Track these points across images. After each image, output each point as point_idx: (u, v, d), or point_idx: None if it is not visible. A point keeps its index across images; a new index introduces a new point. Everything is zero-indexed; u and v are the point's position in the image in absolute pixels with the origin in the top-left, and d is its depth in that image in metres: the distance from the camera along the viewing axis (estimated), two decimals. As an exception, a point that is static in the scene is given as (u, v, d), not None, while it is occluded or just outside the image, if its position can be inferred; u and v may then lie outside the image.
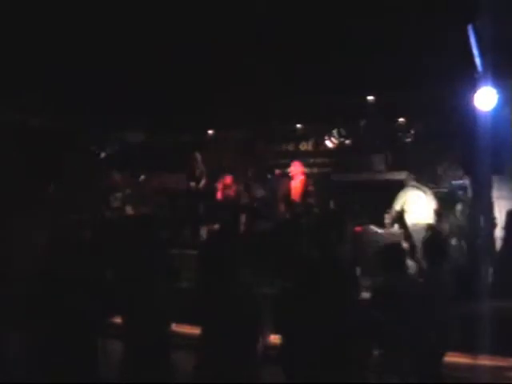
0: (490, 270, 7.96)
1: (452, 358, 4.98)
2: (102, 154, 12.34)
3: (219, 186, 10.99)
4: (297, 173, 10.23)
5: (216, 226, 10.56)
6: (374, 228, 9.98)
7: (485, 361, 6.26)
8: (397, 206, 9.38)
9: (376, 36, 7.32)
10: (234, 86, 8.91)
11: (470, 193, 9.55)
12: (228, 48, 7.75)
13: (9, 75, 8.06)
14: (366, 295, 7.80)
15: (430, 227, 9.00)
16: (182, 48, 7.90)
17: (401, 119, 10.85)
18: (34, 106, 9.67)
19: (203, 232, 10.71)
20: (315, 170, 12.08)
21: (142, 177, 11.52)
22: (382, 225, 10.02)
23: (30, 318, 4.21)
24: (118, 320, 4.67)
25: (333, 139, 11.67)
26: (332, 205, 9.99)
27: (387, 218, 9.48)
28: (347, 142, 11.62)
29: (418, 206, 9.29)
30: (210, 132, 12.55)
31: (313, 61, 8.16)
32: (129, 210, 10.15)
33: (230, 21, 7.27)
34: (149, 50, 7.97)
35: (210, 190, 11.18)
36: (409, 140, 10.77)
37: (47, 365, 4.06)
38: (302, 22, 7.19)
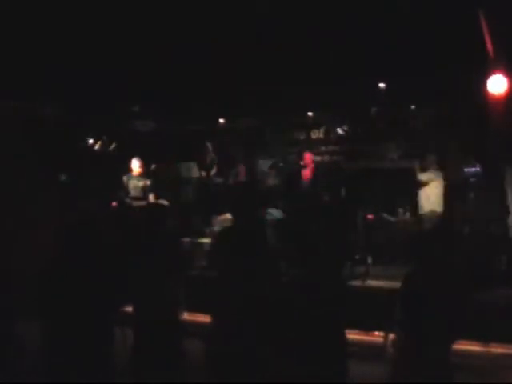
0: (504, 258, 7.94)
1: (463, 345, 4.97)
2: (113, 144, 12.39)
3: (231, 174, 10.99)
4: (308, 161, 10.19)
5: (228, 215, 10.59)
6: (386, 216, 9.96)
7: (496, 348, 6.26)
8: (422, 177, 9.27)
9: (387, 22, 7.26)
10: (245, 75, 8.88)
11: (482, 180, 9.49)
12: (239, 37, 7.73)
13: (20, 65, 8.11)
14: (376, 283, 7.90)
15: (439, 215, 8.99)
16: (194, 37, 7.90)
17: (412, 106, 10.77)
18: (45, 95, 9.71)
19: (215, 221, 10.74)
20: (326, 158, 12.03)
21: (153, 166, 11.52)
22: (393, 213, 10.00)
23: (43, 308, 4.23)
24: (129, 309, 4.70)
25: (344, 127, 11.62)
26: (343, 193, 9.96)
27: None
28: (358, 129, 11.56)
29: (435, 192, 9.23)
30: (222, 121, 12.54)
31: (324, 48, 8.12)
32: (140, 198, 10.15)
33: (241, 9, 7.25)
34: (161, 38, 7.97)
35: (221, 179, 11.18)
36: (421, 127, 10.69)
37: (60, 355, 4.09)
38: (313, 8, 7.16)
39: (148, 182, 10.19)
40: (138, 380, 4.42)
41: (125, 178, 10.35)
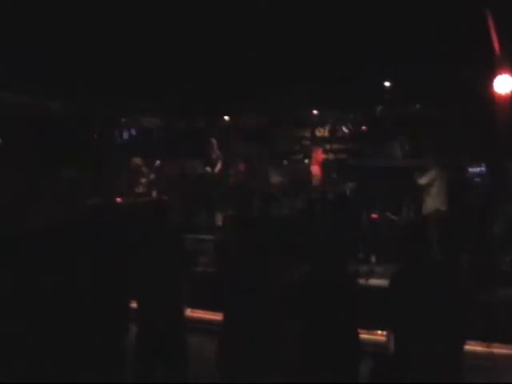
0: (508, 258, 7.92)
1: (467, 346, 4.96)
2: (119, 139, 12.41)
3: (235, 171, 10.97)
4: (315, 159, 10.17)
5: (231, 212, 10.58)
6: (389, 215, 9.94)
7: (498, 349, 6.25)
8: (422, 181, 9.22)
9: (393, 22, 7.25)
10: (251, 72, 8.88)
11: (487, 180, 9.47)
12: (244, 35, 7.73)
13: (25, 60, 8.13)
14: (380, 282, 7.89)
15: (444, 213, 8.96)
16: (200, 35, 7.90)
17: (417, 105, 10.74)
18: (53, 91, 9.72)
19: (218, 217, 10.74)
20: (331, 156, 12.03)
21: (158, 162, 11.53)
22: (397, 211, 9.98)
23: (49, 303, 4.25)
24: (133, 304, 4.70)
25: (349, 125, 11.61)
26: (348, 191, 9.95)
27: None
28: (363, 128, 11.55)
29: (441, 190, 9.20)
30: (226, 118, 12.54)
31: (329, 47, 8.11)
32: (144, 194, 10.19)
33: (246, 6, 7.25)
34: (167, 38, 7.98)
35: (226, 176, 11.16)
36: (425, 126, 10.65)
37: (68, 349, 4.11)
38: (318, 8, 7.15)
39: (150, 179, 10.24)
40: (142, 377, 4.43)
41: (128, 175, 10.39)
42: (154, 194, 10.26)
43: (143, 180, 10.38)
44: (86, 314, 4.09)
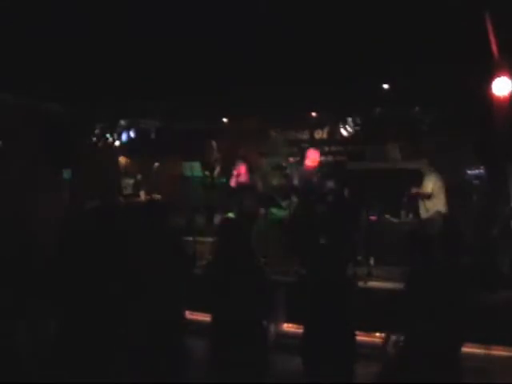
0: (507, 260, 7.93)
1: (466, 348, 4.96)
2: (117, 141, 12.41)
3: (233, 174, 10.94)
4: (313, 161, 10.13)
5: (230, 214, 10.57)
6: (388, 217, 9.96)
7: (497, 351, 6.26)
8: (428, 189, 9.27)
9: (391, 22, 7.24)
10: (249, 74, 8.88)
11: (485, 182, 9.48)
12: (242, 36, 7.72)
13: (25, 61, 8.13)
14: (378, 285, 7.91)
15: (446, 217, 8.97)
16: (197, 36, 7.89)
17: (416, 107, 10.74)
18: (50, 91, 9.71)
19: (217, 220, 10.72)
20: (330, 159, 12.03)
21: (157, 164, 11.52)
22: (396, 214, 9.99)
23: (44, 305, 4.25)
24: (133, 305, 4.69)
25: (347, 127, 11.60)
26: (346, 193, 9.95)
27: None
28: (362, 130, 11.55)
29: (439, 194, 9.22)
30: (225, 120, 12.53)
31: (327, 48, 8.11)
32: (142, 196, 10.16)
33: (243, 8, 7.25)
34: (164, 37, 7.97)
35: (225, 178, 11.15)
36: (424, 128, 10.66)
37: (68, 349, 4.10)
38: (316, 9, 7.15)
39: (138, 179, 10.23)
40: (141, 379, 4.42)
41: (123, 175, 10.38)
42: (142, 194, 10.22)
43: (131, 181, 10.36)
44: (85, 313, 4.08)
